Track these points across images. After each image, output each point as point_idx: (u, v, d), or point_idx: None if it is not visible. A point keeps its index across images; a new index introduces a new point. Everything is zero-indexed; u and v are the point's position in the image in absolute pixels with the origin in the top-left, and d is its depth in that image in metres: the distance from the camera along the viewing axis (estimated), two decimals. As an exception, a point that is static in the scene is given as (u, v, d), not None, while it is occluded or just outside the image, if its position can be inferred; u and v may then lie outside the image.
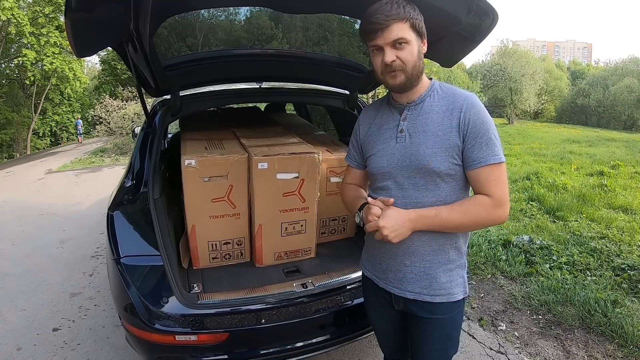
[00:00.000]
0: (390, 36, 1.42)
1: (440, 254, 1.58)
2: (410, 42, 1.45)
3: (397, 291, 1.64)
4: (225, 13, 2.66)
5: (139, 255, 2.11)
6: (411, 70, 1.47)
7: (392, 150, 1.57)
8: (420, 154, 1.50)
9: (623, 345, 3.00)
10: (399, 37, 1.42)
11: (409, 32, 1.44)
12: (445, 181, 1.51)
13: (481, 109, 1.49)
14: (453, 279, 1.61)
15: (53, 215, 6.52)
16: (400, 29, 1.42)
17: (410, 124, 1.55)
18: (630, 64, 40.49)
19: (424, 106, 1.55)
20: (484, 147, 1.45)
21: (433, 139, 1.49)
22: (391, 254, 1.62)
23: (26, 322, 3.44)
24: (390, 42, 1.43)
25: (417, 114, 1.55)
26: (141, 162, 2.53)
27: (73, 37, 1.73)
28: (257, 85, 2.97)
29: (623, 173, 8.98)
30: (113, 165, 11.43)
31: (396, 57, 1.45)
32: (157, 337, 1.96)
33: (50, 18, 17.22)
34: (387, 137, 1.60)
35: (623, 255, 4.41)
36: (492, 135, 1.47)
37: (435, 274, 1.58)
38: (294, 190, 2.65)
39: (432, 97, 1.55)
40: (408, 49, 1.45)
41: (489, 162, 1.45)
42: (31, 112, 21.79)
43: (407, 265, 1.59)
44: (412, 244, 1.56)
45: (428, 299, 1.59)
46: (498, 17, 1.91)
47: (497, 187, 1.46)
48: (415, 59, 1.47)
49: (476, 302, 3.65)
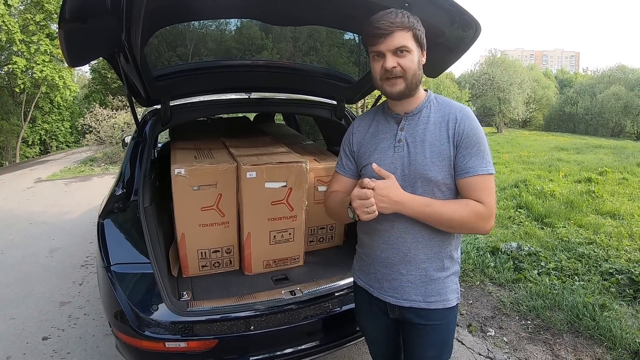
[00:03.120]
0: (392, 43, 1.45)
1: (435, 262, 1.60)
2: (411, 51, 1.48)
3: (393, 300, 1.65)
4: (216, 23, 2.69)
5: (129, 263, 2.11)
6: (411, 79, 1.50)
7: (390, 159, 1.57)
8: (419, 163, 1.52)
9: (612, 348, 3.04)
10: (401, 44, 1.45)
11: (411, 41, 1.47)
12: (442, 190, 1.54)
13: (475, 122, 1.53)
14: (448, 286, 1.63)
15: (43, 224, 6.47)
16: (403, 37, 1.45)
17: (408, 133, 1.57)
18: (617, 72, 41.10)
19: (421, 116, 1.57)
20: (475, 158, 1.49)
21: (431, 149, 1.52)
22: (387, 263, 1.62)
23: (15, 331, 3.42)
24: (392, 49, 1.46)
25: (414, 124, 1.57)
26: (131, 170, 2.55)
27: (66, 47, 1.76)
28: (247, 96, 3.01)
29: (611, 179, 9.07)
30: (103, 174, 11.35)
31: (397, 64, 1.47)
32: (147, 344, 1.96)
33: (41, 26, 17.08)
34: (384, 147, 1.60)
35: (611, 260, 4.46)
36: (484, 147, 1.51)
37: (430, 281, 1.60)
38: (282, 199, 2.68)
39: (428, 108, 1.58)
40: (409, 57, 1.48)
41: (479, 172, 1.48)
42: (21, 120, 21.59)
43: (404, 274, 1.60)
44: (409, 252, 1.57)
45: (424, 305, 1.61)
46: (481, 29, 1.96)
47: (487, 197, 1.49)
48: (416, 67, 1.50)
49: (465, 309, 3.68)
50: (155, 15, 1.78)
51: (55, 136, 24.98)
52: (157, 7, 1.74)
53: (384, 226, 1.59)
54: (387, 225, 1.58)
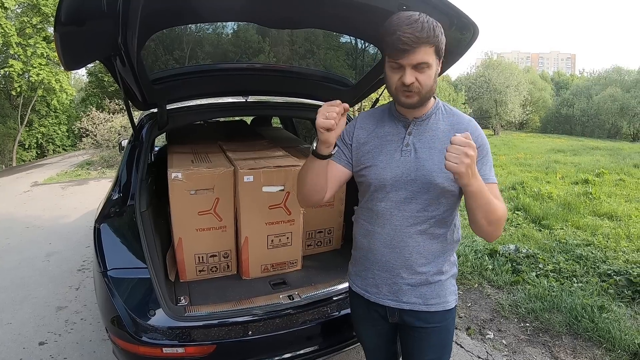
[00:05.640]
0: (415, 58, 1.39)
1: (435, 265, 1.60)
2: (431, 66, 1.42)
3: (393, 304, 1.64)
4: (212, 27, 2.68)
5: (126, 268, 2.10)
6: (426, 93, 1.46)
7: (396, 163, 1.56)
8: (427, 169, 1.51)
9: (611, 349, 3.05)
10: (423, 60, 1.40)
11: (432, 57, 1.42)
12: (446, 197, 1.54)
13: (482, 133, 1.56)
14: (447, 288, 1.64)
15: (39, 228, 6.44)
16: (425, 53, 1.39)
17: (416, 138, 1.56)
18: (613, 74, 41.30)
19: (429, 123, 1.56)
20: (483, 167, 1.49)
21: (439, 156, 1.50)
22: (387, 267, 1.62)
23: (12, 336, 3.40)
24: (413, 64, 1.40)
25: (423, 130, 1.56)
26: (128, 174, 2.54)
27: (62, 50, 1.75)
28: (244, 99, 3.00)
29: (607, 181, 9.12)
30: (99, 178, 11.32)
31: (415, 80, 1.42)
32: (144, 349, 1.95)
33: (37, 29, 17.04)
34: (390, 150, 1.58)
35: (609, 261, 4.48)
36: (490, 159, 1.54)
37: (430, 284, 1.61)
38: (279, 203, 2.67)
39: (437, 115, 1.58)
40: (428, 73, 1.43)
41: (490, 180, 1.50)
42: (17, 124, 21.54)
43: (404, 278, 1.60)
44: (411, 256, 1.57)
45: (424, 308, 1.61)
46: (479, 32, 1.96)
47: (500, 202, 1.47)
48: (432, 82, 1.46)
49: (463, 312, 3.68)
50: (151, 18, 1.77)
51: (52, 140, 24.92)
52: (154, 10, 1.73)
53: (385, 229, 1.58)
54: (389, 229, 1.58)
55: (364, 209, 1.67)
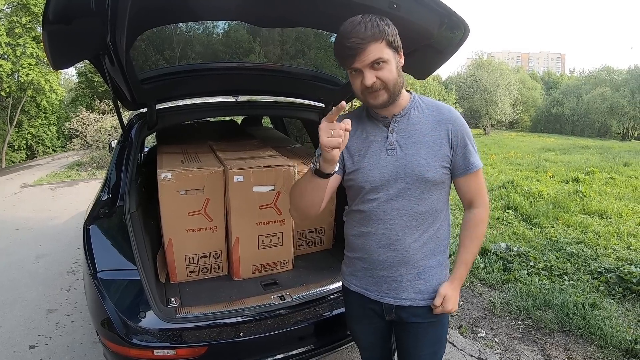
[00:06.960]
0: (367, 58, 1.38)
1: (432, 258, 1.62)
2: (388, 60, 1.41)
3: (392, 300, 1.65)
4: (203, 26, 2.67)
5: (115, 270, 2.08)
6: (393, 88, 1.45)
7: (383, 163, 1.55)
8: (415, 164, 1.51)
9: (603, 346, 3.06)
10: (376, 57, 1.38)
11: (385, 51, 1.40)
12: (437, 189, 1.56)
13: (464, 121, 1.58)
14: (443, 279, 1.66)
15: (29, 230, 6.39)
16: (377, 49, 1.38)
17: (399, 136, 1.55)
18: (602, 73, 41.68)
19: (410, 117, 1.56)
20: (469, 155, 1.54)
21: (426, 150, 1.52)
22: (386, 266, 1.62)
23: (2, 340, 3.36)
24: (368, 64, 1.39)
25: (404, 126, 1.56)
26: (117, 175, 2.52)
27: (50, 49, 1.73)
28: (234, 99, 2.98)
29: (598, 179, 9.19)
30: (89, 179, 11.25)
31: (376, 78, 1.41)
32: (135, 352, 1.93)
33: (27, 28, 16.89)
34: (375, 150, 1.57)
35: (600, 259, 4.50)
36: (472, 144, 1.57)
37: (428, 277, 1.62)
38: (270, 203, 2.66)
39: (415, 109, 1.57)
40: (387, 68, 1.42)
41: (476, 168, 1.55)
42: (6, 125, 21.36)
43: (403, 275, 1.61)
44: (408, 253, 1.58)
45: (424, 303, 1.63)
46: (469, 31, 1.95)
47: (484, 191, 1.63)
48: (395, 76, 1.44)
49: (455, 310, 3.68)
50: (140, 17, 1.75)
51: (41, 140, 24.75)
52: (143, 8, 1.71)
53: (379, 229, 1.58)
54: (383, 228, 1.58)
55: (355, 212, 1.66)
